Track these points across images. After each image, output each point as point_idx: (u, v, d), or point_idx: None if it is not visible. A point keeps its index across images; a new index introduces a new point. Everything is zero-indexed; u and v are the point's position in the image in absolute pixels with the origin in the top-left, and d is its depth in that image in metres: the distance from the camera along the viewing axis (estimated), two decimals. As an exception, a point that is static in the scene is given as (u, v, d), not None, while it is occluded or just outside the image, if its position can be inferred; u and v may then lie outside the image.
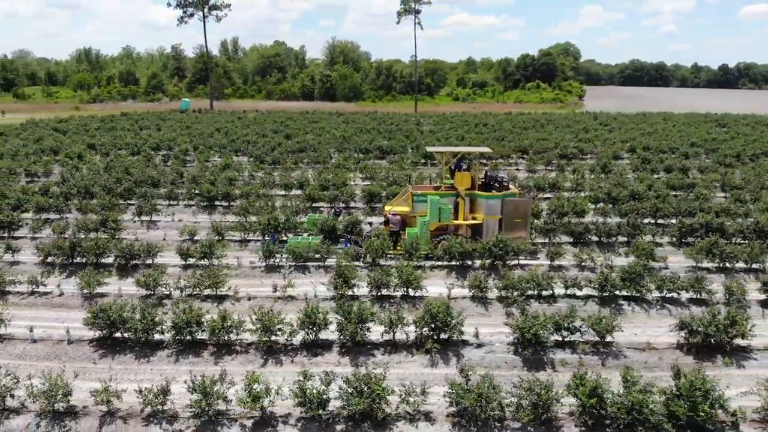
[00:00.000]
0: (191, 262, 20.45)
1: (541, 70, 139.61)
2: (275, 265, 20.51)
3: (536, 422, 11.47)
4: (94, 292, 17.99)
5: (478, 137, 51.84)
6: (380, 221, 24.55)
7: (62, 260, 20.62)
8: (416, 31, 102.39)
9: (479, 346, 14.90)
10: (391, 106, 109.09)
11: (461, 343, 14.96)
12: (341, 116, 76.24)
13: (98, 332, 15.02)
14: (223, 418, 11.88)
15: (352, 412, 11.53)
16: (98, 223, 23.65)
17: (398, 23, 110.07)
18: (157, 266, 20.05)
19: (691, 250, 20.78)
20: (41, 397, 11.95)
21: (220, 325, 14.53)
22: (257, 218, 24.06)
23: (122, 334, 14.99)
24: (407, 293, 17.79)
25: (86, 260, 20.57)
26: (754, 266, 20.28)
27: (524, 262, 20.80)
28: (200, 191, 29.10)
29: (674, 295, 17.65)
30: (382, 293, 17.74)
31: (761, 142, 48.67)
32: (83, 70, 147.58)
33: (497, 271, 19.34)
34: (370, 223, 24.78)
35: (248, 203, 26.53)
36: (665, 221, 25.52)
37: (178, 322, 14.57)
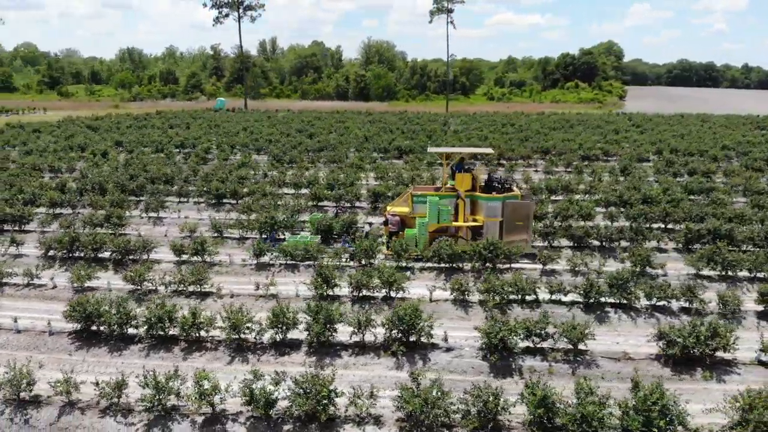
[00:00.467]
0: (184, 258, 20.78)
1: (581, 69, 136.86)
2: (266, 263, 20.65)
3: (483, 430, 11.15)
4: (84, 285, 18.48)
5: (501, 137, 50.95)
6: (380, 222, 24.43)
7: (62, 254, 21.26)
8: (450, 30, 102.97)
9: (448, 350, 14.64)
10: (423, 105, 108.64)
11: (431, 346, 14.74)
12: (369, 116, 76.24)
13: (76, 325, 15.42)
14: (175, 413, 12.02)
15: (298, 412, 11.48)
16: (103, 218, 24.29)
17: (431, 22, 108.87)
18: (151, 262, 20.50)
19: (691, 257, 19.90)
20: (6, 386, 12.33)
21: (190, 321, 14.71)
22: (256, 216, 24.27)
23: (98, 327, 15.34)
24: (389, 294, 17.63)
25: (84, 254, 21.16)
26: (758, 275, 19.28)
27: (518, 265, 20.36)
28: (209, 189, 29.52)
29: (665, 303, 16.95)
30: (363, 294, 17.64)
31: (799, 145, 46.36)
32: (126, 69, 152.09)
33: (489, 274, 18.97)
34: (369, 223, 24.70)
35: (252, 201, 26.76)
36: (675, 226, 24.57)
37: (150, 317, 14.82)
